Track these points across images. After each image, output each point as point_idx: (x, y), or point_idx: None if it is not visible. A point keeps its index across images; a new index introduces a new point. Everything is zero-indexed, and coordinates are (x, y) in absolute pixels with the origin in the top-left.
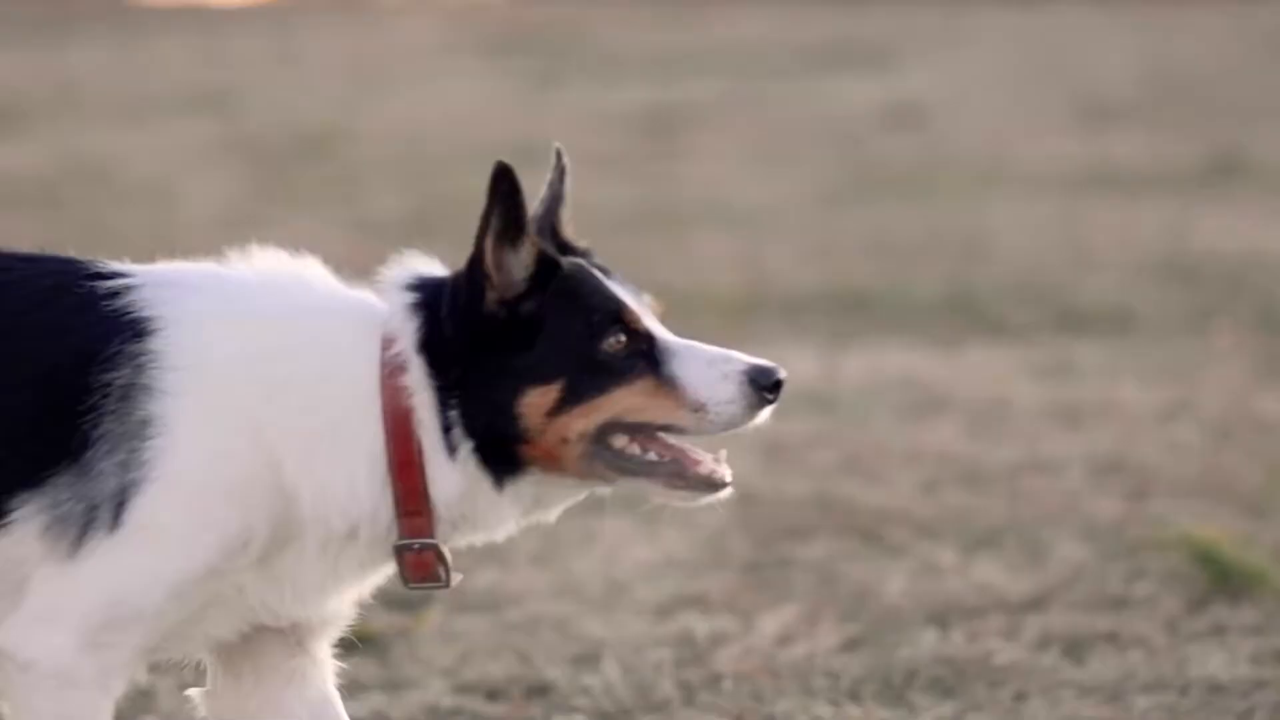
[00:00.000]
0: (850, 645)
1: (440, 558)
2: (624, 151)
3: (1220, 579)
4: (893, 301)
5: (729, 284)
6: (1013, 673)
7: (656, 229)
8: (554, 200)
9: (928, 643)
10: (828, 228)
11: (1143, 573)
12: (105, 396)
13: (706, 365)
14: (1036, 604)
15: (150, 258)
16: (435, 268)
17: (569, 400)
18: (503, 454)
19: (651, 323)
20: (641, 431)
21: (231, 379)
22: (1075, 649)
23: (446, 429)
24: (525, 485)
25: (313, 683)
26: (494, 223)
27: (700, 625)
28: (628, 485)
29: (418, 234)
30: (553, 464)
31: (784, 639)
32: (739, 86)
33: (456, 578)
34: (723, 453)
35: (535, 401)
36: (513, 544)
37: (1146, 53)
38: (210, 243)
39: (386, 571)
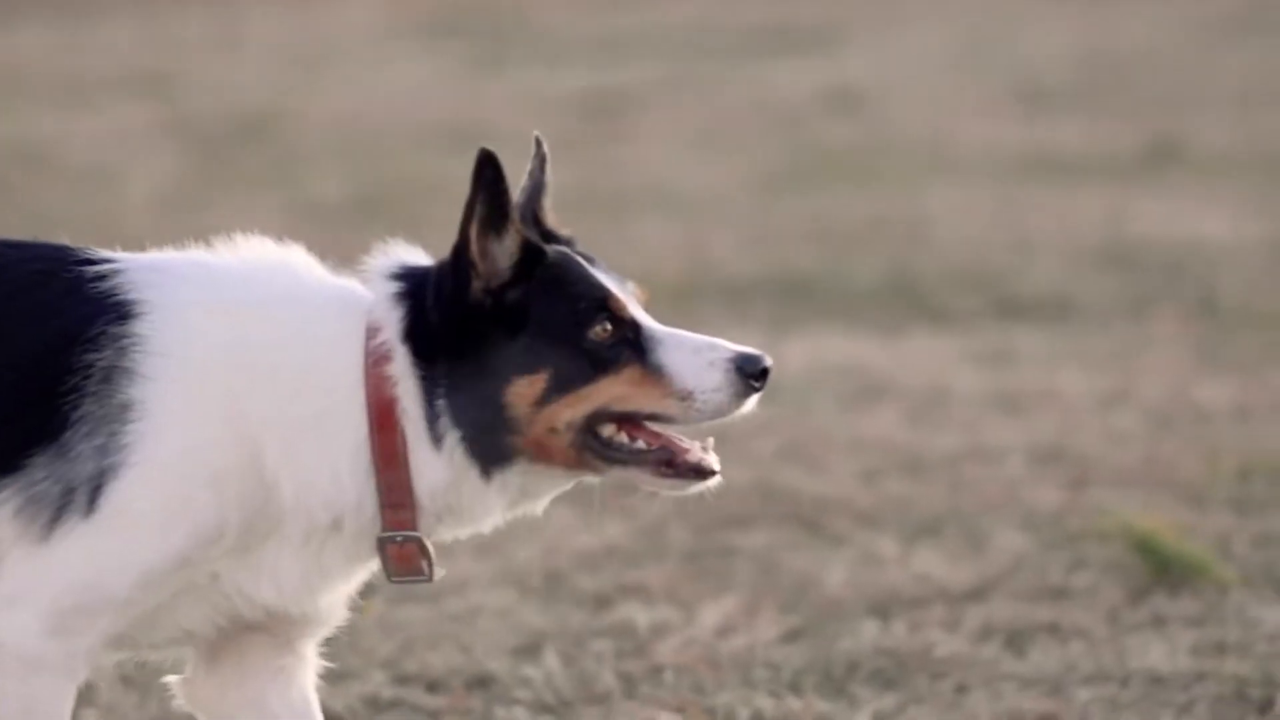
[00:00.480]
0: (791, 636)
1: (423, 550)
2: (565, 135)
3: (1160, 569)
4: (833, 287)
5: (670, 269)
6: (954, 664)
7: (597, 213)
8: (536, 188)
9: (869, 634)
10: (768, 213)
11: (1083, 563)
12: (87, 378)
13: (693, 353)
14: (977, 595)
15: (91, 241)
16: (419, 256)
17: (556, 389)
18: (490, 444)
19: (637, 311)
20: (629, 420)
21: (214, 366)
22: (1016, 640)
23: (432, 419)
24: (512, 475)
25: (296, 682)
26: (479, 210)
27: (641, 616)
28: (617, 474)
29: (359, 217)
30: (541, 453)
31: (725, 630)
32: (680, 70)
33: (439, 572)
34: (710, 441)
35: (522, 391)
36: None
37: (1085, 38)
38: (152, 226)
39: (372, 566)
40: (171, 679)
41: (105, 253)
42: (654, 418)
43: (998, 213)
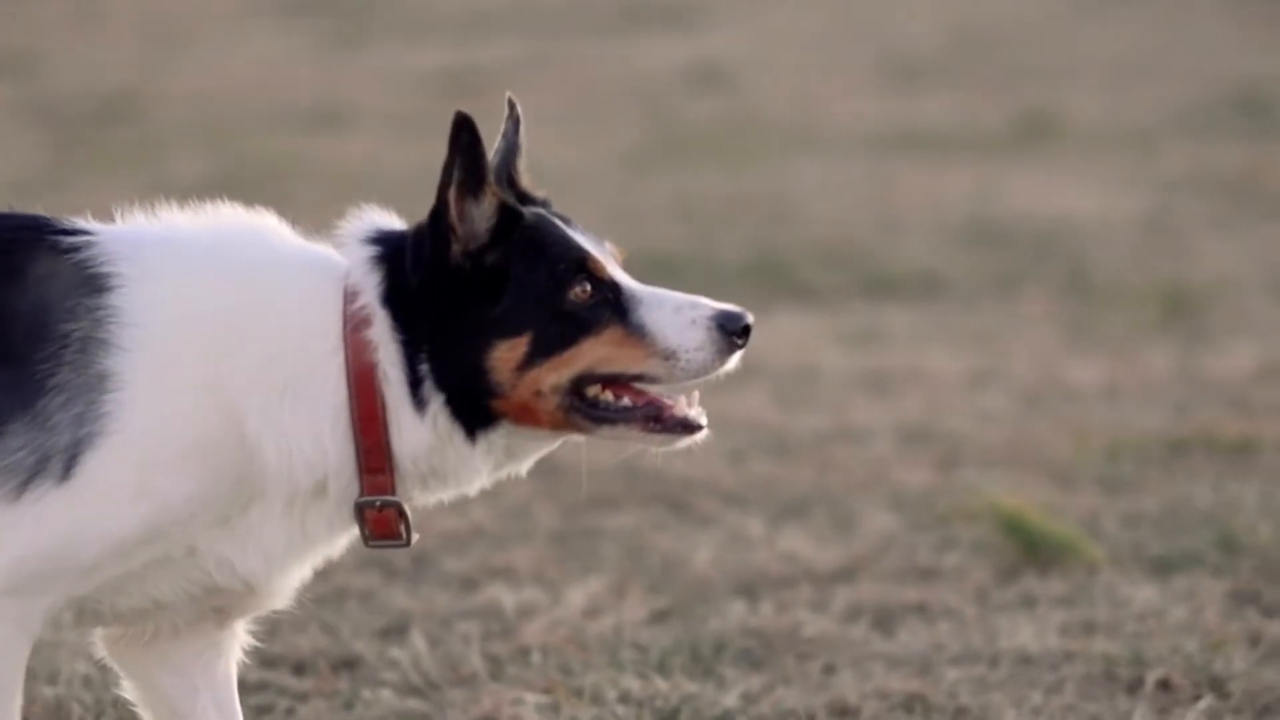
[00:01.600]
0: (658, 617)
1: (402, 515)
2: (426, 113)
3: (1029, 549)
4: (699, 266)
5: None
6: (822, 644)
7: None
8: (510, 151)
9: (736, 614)
10: (632, 190)
11: (952, 543)
12: (64, 347)
13: (674, 312)
14: (845, 575)
15: None
16: (393, 221)
17: (538, 353)
18: (473, 408)
19: (616, 270)
20: (615, 380)
21: (191, 335)
22: (884, 620)
23: (415, 383)
24: (497, 438)
25: (223, 657)
26: (456, 174)
27: (507, 597)
28: (605, 433)
29: (220, 196)
30: (525, 416)
31: (592, 611)
32: (543, 47)
33: (415, 537)
34: (695, 395)
35: (504, 355)
36: None
37: (953, 12)
38: (10, 207)
39: (353, 534)
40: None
41: (81, 222)
42: (639, 379)
43: (866, 190)
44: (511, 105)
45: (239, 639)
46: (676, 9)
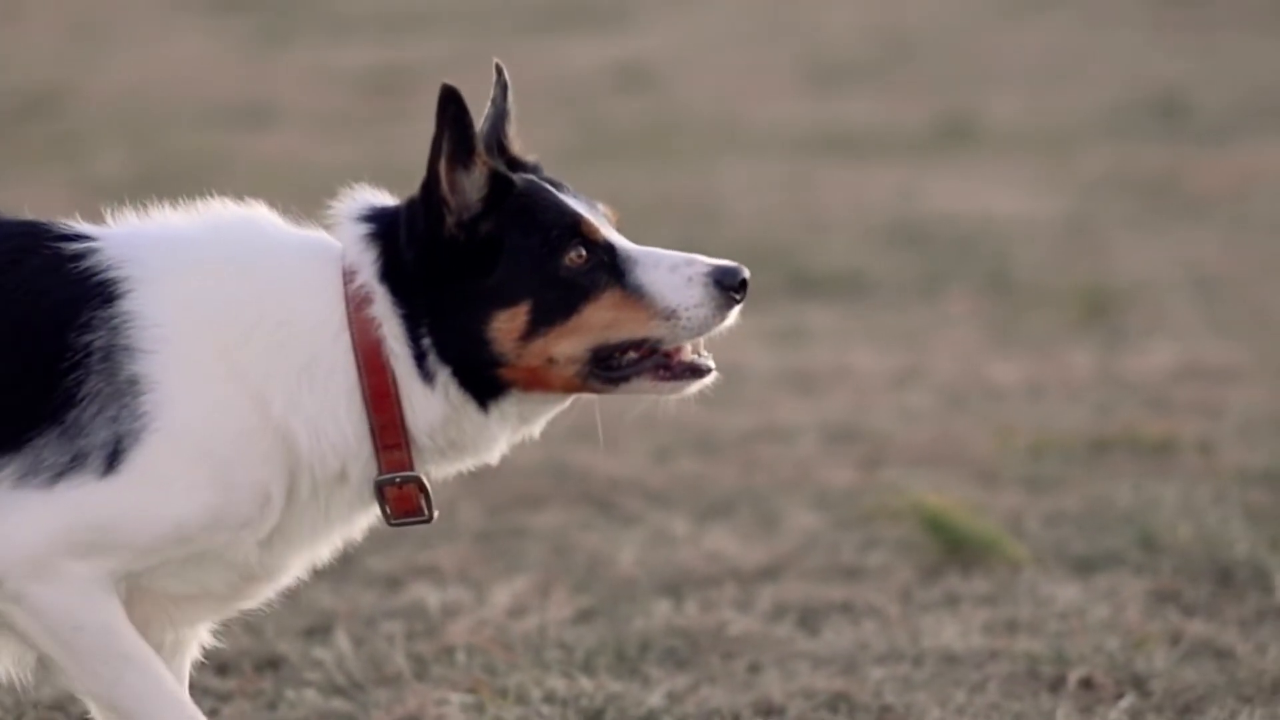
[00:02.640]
0: (583, 616)
1: (422, 490)
2: (351, 111)
3: (952, 548)
4: None
5: None
6: (746, 643)
7: (385, 191)
8: (499, 117)
9: (661, 614)
10: None
11: (876, 542)
12: (87, 356)
13: (670, 271)
14: (770, 573)
15: None
16: (384, 198)
17: (539, 321)
18: (480, 378)
19: (610, 233)
20: (623, 348)
21: (206, 328)
22: (809, 619)
23: (420, 357)
24: (509, 405)
25: (179, 655)
26: (445, 146)
27: (432, 596)
28: (621, 390)
29: (144, 193)
30: (535, 382)
31: (516, 610)
32: (468, 46)
33: (435, 514)
34: (700, 342)
35: (504, 326)
36: None
37: (876, 15)
38: None
39: (373, 514)
40: None
41: (77, 226)
42: (643, 343)
43: (789, 189)
44: (499, 71)
45: (199, 638)
46: (602, 10)
